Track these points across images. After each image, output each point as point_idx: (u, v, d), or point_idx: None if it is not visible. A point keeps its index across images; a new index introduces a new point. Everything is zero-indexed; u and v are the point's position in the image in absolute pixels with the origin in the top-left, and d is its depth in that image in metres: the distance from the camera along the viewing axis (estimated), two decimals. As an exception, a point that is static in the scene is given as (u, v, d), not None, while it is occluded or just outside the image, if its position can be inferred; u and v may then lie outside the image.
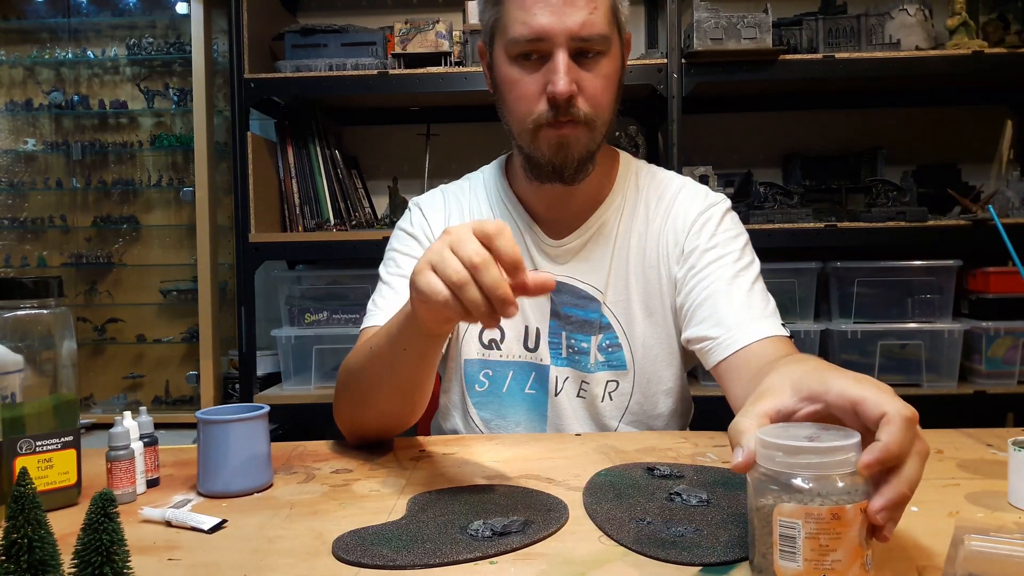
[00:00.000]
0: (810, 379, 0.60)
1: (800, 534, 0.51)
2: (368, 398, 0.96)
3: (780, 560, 0.52)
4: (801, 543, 0.51)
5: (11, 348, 0.75)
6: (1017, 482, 0.72)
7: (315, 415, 2.09)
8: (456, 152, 2.42)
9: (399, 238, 1.17)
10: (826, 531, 0.51)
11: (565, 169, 1.03)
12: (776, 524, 0.52)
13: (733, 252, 1.07)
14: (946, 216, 2.12)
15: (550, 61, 0.98)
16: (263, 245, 2.11)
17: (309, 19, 2.47)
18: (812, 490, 0.51)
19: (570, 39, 0.97)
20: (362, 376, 0.96)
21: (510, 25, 0.99)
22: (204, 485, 0.81)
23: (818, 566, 0.51)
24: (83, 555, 0.49)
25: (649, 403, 1.11)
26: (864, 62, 2.02)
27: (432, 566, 0.61)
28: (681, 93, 2.05)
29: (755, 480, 0.55)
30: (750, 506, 0.55)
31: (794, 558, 0.52)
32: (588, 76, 0.99)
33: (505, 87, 1.04)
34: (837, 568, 0.51)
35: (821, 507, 0.51)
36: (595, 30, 0.97)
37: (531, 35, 0.97)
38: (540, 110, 1.00)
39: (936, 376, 2.06)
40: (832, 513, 0.51)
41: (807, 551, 0.51)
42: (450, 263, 0.70)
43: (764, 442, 0.54)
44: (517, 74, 1.01)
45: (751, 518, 0.55)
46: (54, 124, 2.67)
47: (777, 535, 0.52)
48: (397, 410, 0.96)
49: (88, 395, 2.62)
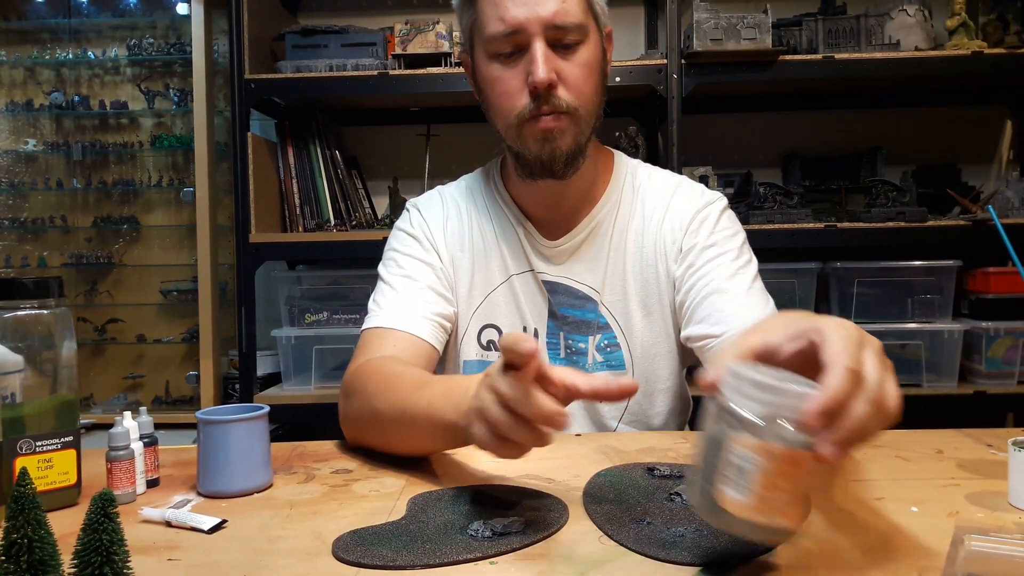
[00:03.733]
0: (801, 320, 0.61)
1: (756, 468, 0.51)
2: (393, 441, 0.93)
3: (726, 488, 0.52)
4: (754, 477, 0.51)
5: (11, 348, 0.75)
6: (1017, 482, 0.72)
7: (315, 415, 2.09)
8: (456, 152, 2.42)
9: (399, 238, 1.17)
10: (781, 472, 0.51)
11: (554, 163, 1.03)
12: (728, 452, 0.52)
13: (731, 250, 1.07)
14: (946, 216, 2.12)
15: (527, 54, 0.98)
16: (263, 245, 2.11)
17: (309, 19, 2.47)
18: (769, 429, 0.52)
19: (545, 28, 0.97)
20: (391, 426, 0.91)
21: (486, 23, 1.01)
22: (204, 485, 0.81)
23: (766, 503, 0.51)
24: (83, 555, 0.49)
25: (648, 402, 1.11)
26: (864, 62, 2.02)
27: (432, 566, 0.61)
28: (681, 93, 2.05)
29: (715, 405, 0.55)
30: (704, 433, 0.55)
31: (742, 491, 0.52)
32: (567, 65, 1.00)
33: (488, 86, 1.04)
34: (780, 507, 0.52)
35: (781, 447, 0.51)
36: (569, 18, 0.98)
37: (507, 29, 0.98)
38: (523, 104, 1.00)
39: (936, 376, 2.06)
40: (789, 455, 0.51)
41: (757, 486, 0.51)
42: (491, 414, 0.67)
43: (735, 372, 0.54)
44: (498, 71, 1.02)
45: (702, 445, 0.55)
46: (54, 124, 2.67)
47: (726, 463, 0.52)
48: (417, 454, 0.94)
49: (88, 395, 2.62)
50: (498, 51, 1.01)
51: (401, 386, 0.91)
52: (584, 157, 1.06)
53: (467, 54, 1.10)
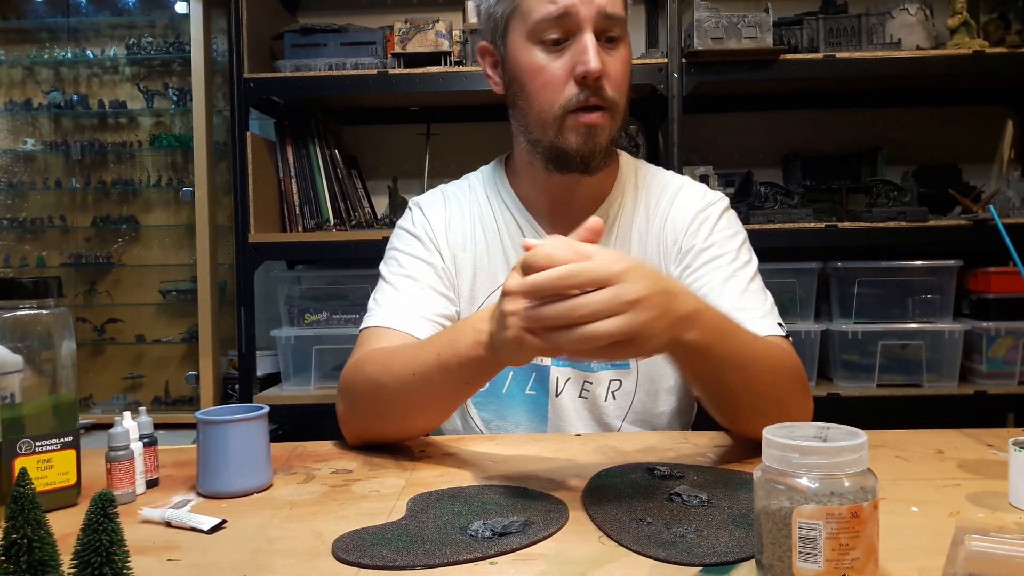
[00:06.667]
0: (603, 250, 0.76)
1: (821, 535, 0.51)
2: (402, 414, 0.94)
3: (800, 563, 0.52)
4: (822, 544, 0.51)
5: (11, 348, 0.75)
6: (1017, 482, 0.72)
7: (315, 415, 2.09)
8: (456, 152, 2.42)
9: (401, 237, 1.17)
10: (846, 530, 0.51)
11: (592, 158, 1.02)
12: (796, 526, 0.52)
13: (729, 252, 1.07)
14: (947, 216, 2.12)
15: (576, 43, 0.98)
16: (263, 245, 2.11)
17: (309, 19, 2.46)
18: (824, 490, 0.51)
19: (597, 15, 0.97)
20: (399, 395, 0.93)
21: (534, 7, 0.99)
22: (204, 485, 0.81)
23: (838, 566, 0.51)
24: (83, 555, 0.49)
25: (652, 401, 1.11)
26: (865, 62, 2.02)
27: (432, 566, 0.61)
28: (681, 93, 2.05)
29: (764, 481, 0.54)
30: (758, 508, 0.55)
31: (815, 559, 0.52)
32: (611, 60, 1.00)
33: (528, 76, 1.02)
34: (856, 566, 0.51)
35: (841, 506, 0.51)
36: (617, 11, 0.99)
37: (558, 11, 0.97)
38: (569, 95, 0.99)
39: (937, 376, 2.06)
40: (852, 512, 0.51)
41: (828, 551, 0.51)
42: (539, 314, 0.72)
43: (774, 443, 0.54)
44: (542, 60, 1.00)
45: (760, 520, 0.55)
46: (53, 124, 2.67)
47: (797, 537, 0.52)
48: (430, 425, 0.96)
49: (88, 395, 2.62)
50: (545, 37, 0.99)
51: (402, 355, 0.93)
52: (611, 154, 1.06)
53: (494, 44, 1.08)
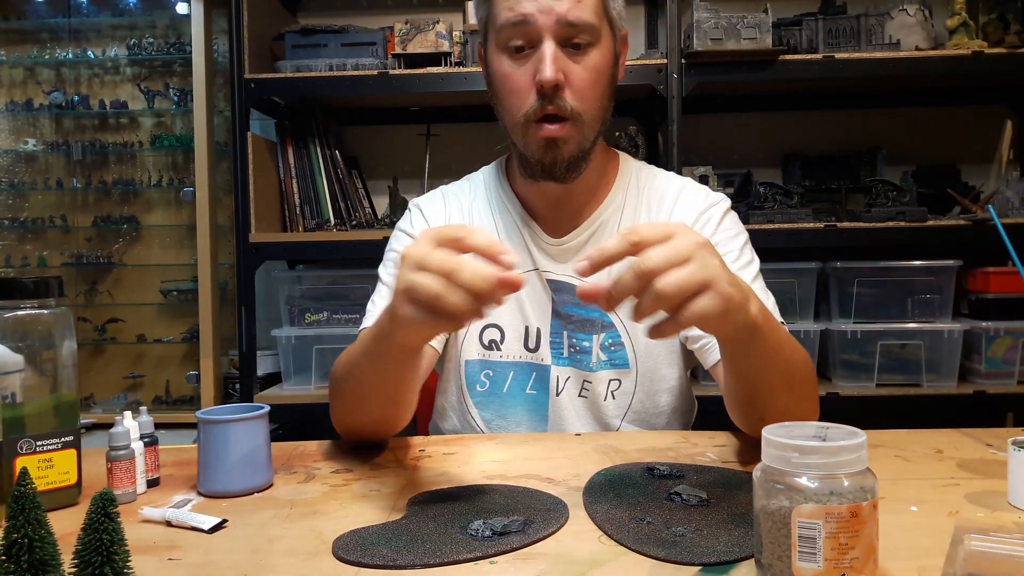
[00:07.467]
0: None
1: (820, 534, 0.51)
2: (358, 405, 0.96)
3: (799, 562, 0.52)
4: (821, 543, 0.51)
5: (11, 348, 0.76)
6: (1017, 482, 0.72)
7: (315, 415, 2.09)
8: (456, 152, 2.42)
9: (399, 239, 1.17)
10: (845, 530, 0.51)
11: (555, 169, 1.03)
12: (795, 526, 0.52)
13: (732, 252, 1.07)
14: (946, 216, 2.12)
15: (537, 51, 0.98)
16: (263, 245, 2.11)
17: (309, 19, 2.46)
18: (824, 490, 0.52)
19: (556, 24, 0.97)
20: (347, 386, 0.96)
21: (498, 14, 1.01)
22: (204, 485, 0.81)
23: (838, 565, 0.51)
24: (83, 555, 0.49)
25: (651, 401, 1.11)
26: (864, 62, 2.02)
27: (432, 566, 0.62)
28: (681, 93, 2.05)
29: (764, 481, 0.54)
30: (758, 507, 0.55)
31: (814, 559, 0.52)
32: (576, 68, 1.00)
33: (498, 82, 1.04)
34: (855, 566, 0.51)
35: (840, 506, 0.51)
36: (582, 17, 0.98)
37: (516, 18, 0.98)
38: (531, 103, 1.00)
39: (936, 376, 2.06)
40: (851, 511, 0.51)
41: (827, 551, 0.51)
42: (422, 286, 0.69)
43: (773, 442, 0.54)
44: (508, 67, 1.02)
45: (759, 519, 0.55)
46: (54, 124, 2.67)
47: (796, 537, 0.52)
48: (387, 416, 0.97)
49: (88, 395, 2.62)
50: (508, 43, 1.00)
51: (359, 341, 0.97)
52: (588, 162, 1.05)
53: (483, 47, 1.10)
